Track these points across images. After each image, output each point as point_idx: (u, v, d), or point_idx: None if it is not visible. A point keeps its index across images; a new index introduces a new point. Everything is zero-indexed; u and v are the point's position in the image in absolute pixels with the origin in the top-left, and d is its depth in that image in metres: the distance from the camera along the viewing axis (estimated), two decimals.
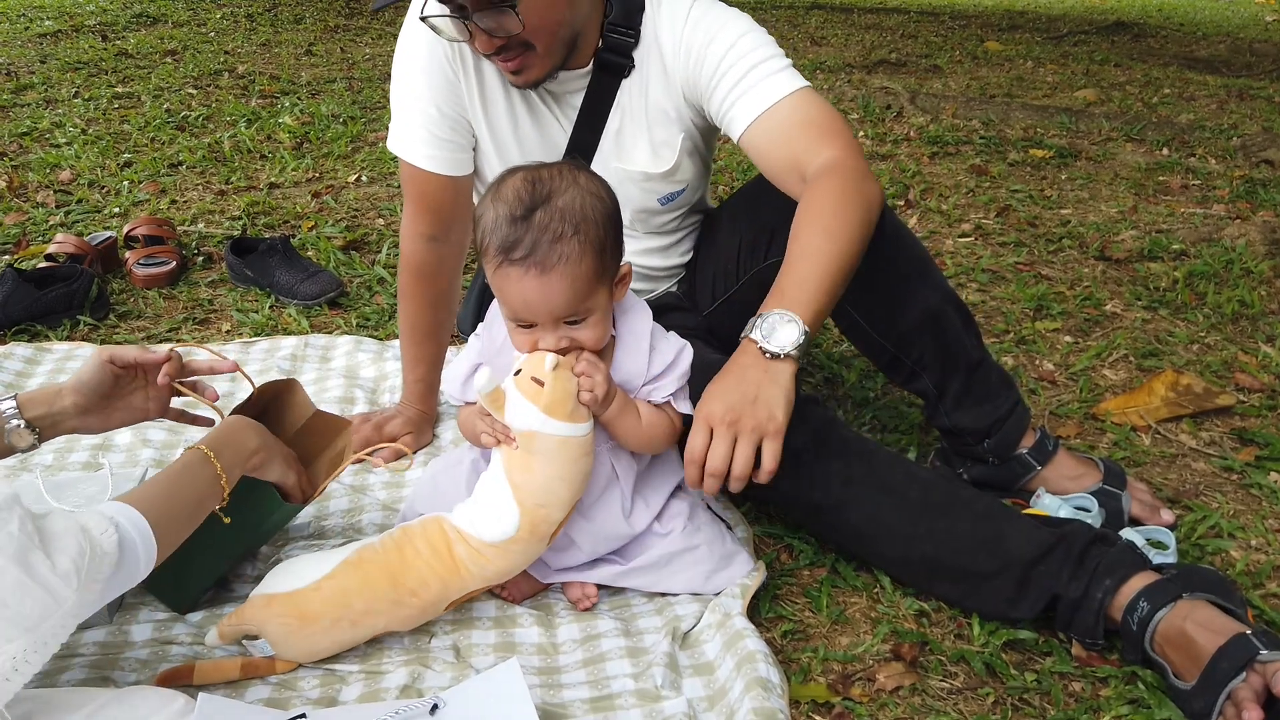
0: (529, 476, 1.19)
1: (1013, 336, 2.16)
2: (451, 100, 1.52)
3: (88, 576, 0.91)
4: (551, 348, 1.19)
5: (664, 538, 1.33)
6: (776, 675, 1.17)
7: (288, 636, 1.18)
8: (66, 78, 4.38)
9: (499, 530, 1.19)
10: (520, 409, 1.18)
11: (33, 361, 1.95)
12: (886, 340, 1.49)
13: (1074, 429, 1.81)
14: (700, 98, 1.48)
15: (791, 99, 1.41)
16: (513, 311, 1.19)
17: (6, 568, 0.85)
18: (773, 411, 1.19)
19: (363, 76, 4.51)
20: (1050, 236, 2.73)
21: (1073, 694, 1.22)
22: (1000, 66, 5.21)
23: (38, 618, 0.87)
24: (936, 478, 1.40)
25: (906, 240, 1.48)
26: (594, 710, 1.14)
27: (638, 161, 1.54)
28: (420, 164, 1.54)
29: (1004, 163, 3.41)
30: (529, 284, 1.15)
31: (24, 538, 0.88)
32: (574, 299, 1.16)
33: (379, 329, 2.16)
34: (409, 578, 1.20)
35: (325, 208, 2.89)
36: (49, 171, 3.13)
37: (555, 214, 1.14)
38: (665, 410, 1.30)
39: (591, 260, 1.16)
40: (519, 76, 1.43)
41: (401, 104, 1.55)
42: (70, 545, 0.91)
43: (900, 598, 1.37)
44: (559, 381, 1.17)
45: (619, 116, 1.52)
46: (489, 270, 1.19)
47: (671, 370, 1.28)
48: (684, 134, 1.54)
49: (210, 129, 3.65)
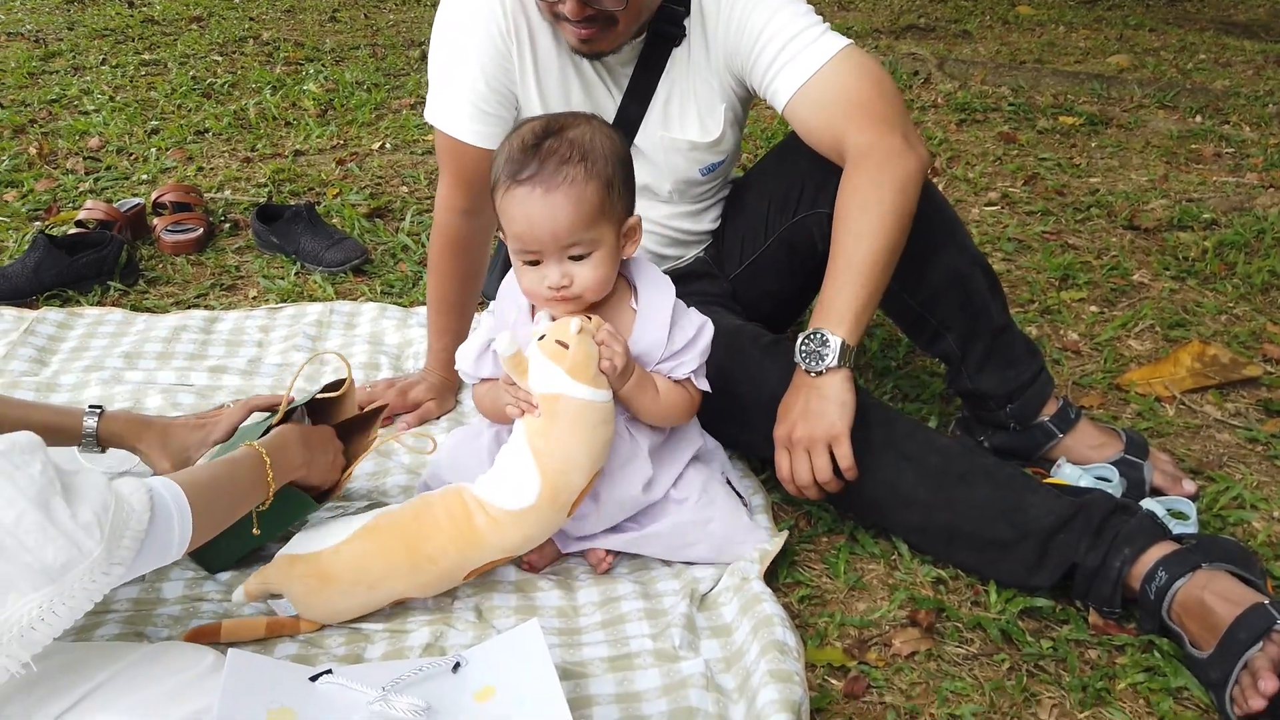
0: (549, 442, 1.20)
1: (1037, 306, 2.15)
2: (500, 74, 1.51)
3: (113, 530, 0.88)
4: (555, 283, 1.22)
5: (680, 504, 1.35)
6: (793, 639, 1.18)
7: (308, 596, 1.21)
8: (94, 44, 4.41)
9: (519, 498, 1.21)
10: (544, 372, 1.19)
11: (65, 326, 1.99)
12: (912, 300, 1.49)
13: (1097, 399, 1.80)
14: (742, 69, 1.49)
15: (830, 66, 1.41)
16: (519, 239, 1.22)
17: (27, 510, 0.82)
18: (830, 420, 1.30)
19: (386, 43, 4.51)
20: (1078, 205, 2.70)
21: (1089, 661, 1.23)
22: (1031, 31, 5.12)
23: (60, 567, 0.84)
24: (956, 446, 1.40)
25: (936, 201, 1.48)
26: (613, 669, 1.16)
27: (686, 131, 1.55)
28: (462, 137, 1.54)
29: (1033, 130, 3.36)
30: (534, 203, 1.18)
31: (45, 481, 0.85)
32: (577, 222, 1.19)
33: (403, 296, 2.18)
34: (426, 545, 1.22)
35: (349, 175, 2.90)
36: (78, 138, 3.16)
37: (564, 142, 1.21)
38: (685, 385, 1.32)
39: (597, 189, 1.20)
40: (588, 45, 1.43)
41: (444, 76, 1.54)
42: (94, 497, 0.88)
43: (918, 565, 1.38)
44: (582, 345, 1.18)
45: (667, 86, 1.53)
46: (498, 199, 1.23)
47: (692, 346, 1.30)
48: (726, 104, 1.54)
49: (236, 96, 3.67)
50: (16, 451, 0.84)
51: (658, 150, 1.55)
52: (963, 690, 1.19)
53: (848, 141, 1.39)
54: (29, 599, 0.82)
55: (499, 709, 1.02)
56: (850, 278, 1.33)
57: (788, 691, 1.08)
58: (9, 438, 0.85)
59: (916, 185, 1.37)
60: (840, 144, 1.41)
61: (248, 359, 1.90)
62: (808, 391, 1.33)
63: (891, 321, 1.71)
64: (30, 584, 0.82)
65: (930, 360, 1.91)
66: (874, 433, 1.35)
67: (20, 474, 0.83)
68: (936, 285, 1.47)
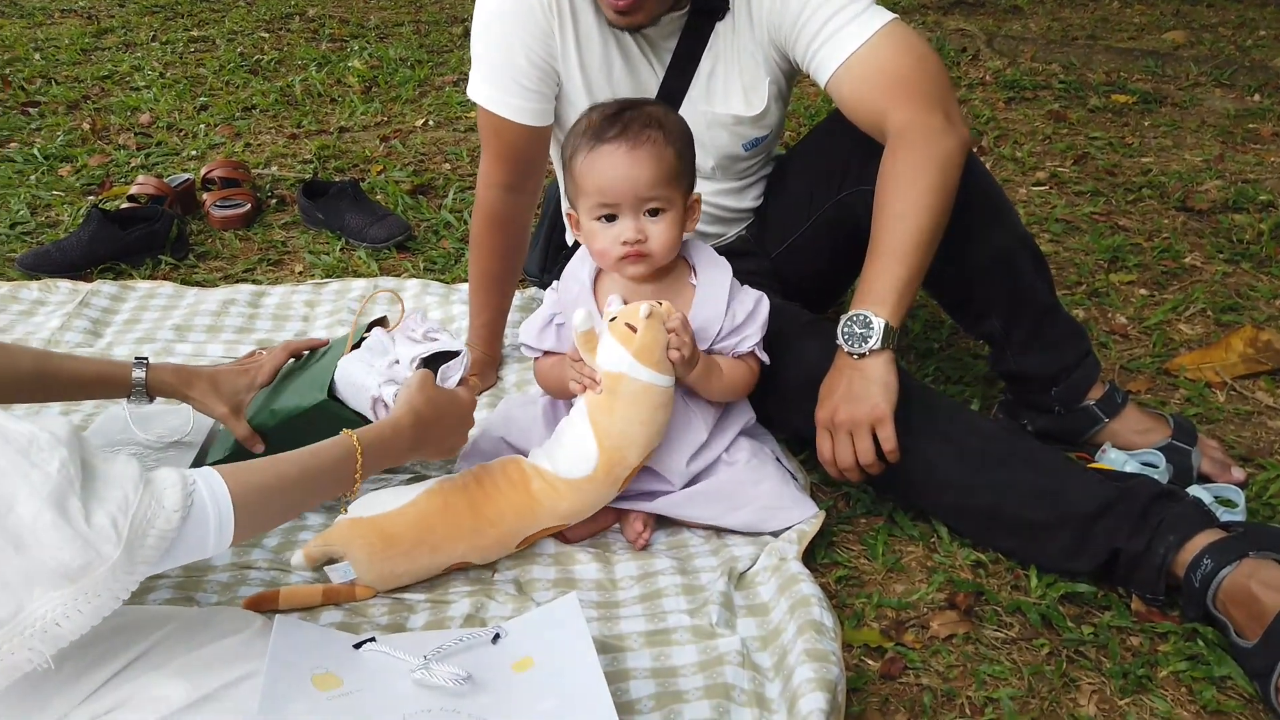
0: (610, 418, 1.25)
1: (1085, 288, 2.11)
2: (542, 50, 1.51)
3: (134, 531, 0.85)
4: (630, 238, 1.29)
5: (730, 466, 1.37)
6: (830, 619, 1.18)
7: (371, 558, 1.23)
8: (144, 21, 4.47)
9: (578, 468, 1.27)
10: (611, 351, 1.25)
11: (118, 299, 2.03)
12: (956, 278, 1.48)
13: (1145, 384, 1.77)
14: (785, 42, 1.48)
15: (875, 42, 1.40)
16: (601, 193, 1.29)
17: (41, 511, 0.81)
18: (873, 402, 1.30)
19: (429, 20, 4.52)
20: (1129, 185, 2.64)
21: (1130, 648, 1.22)
22: (1084, 7, 5.00)
23: (79, 569, 0.82)
24: (998, 429, 1.39)
25: (982, 179, 1.46)
26: (650, 644, 1.17)
27: (730, 105, 1.55)
28: (505, 114, 1.55)
29: (1084, 108, 3.29)
30: (619, 158, 1.27)
31: (62, 480, 0.83)
32: (657, 177, 1.28)
33: (445, 272, 2.20)
34: (488, 508, 1.27)
35: (393, 152, 2.92)
36: (129, 114, 3.21)
37: (642, 114, 1.30)
38: (746, 360, 1.38)
39: (674, 153, 1.29)
40: (625, 17, 1.43)
41: (486, 52, 1.55)
42: (113, 495, 0.86)
43: (957, 548, 1.37)
44: (650, 330, 1.24)
45: (711, 60, 1.53)
46: (578, 163, 1.29)
47: (753, 319, 1.37)
48: (770, 78, 1.54)
49: (282, 72, 3.71)
50: (35, 449, 0.83)
51: (701, 125, 1.55)
52: (1001, 674, 1.18)
53: (888, 119, 1.38)
54: (50, 597, 0.82)
55: (537, 680, 1.04)
56: (892, 258, 1.32)
57: (824, 670, 1.08)
58: (32, 433, 0.84)
59: (957, 164, 1.35)
60: (881, 121, 1.39)
61: (293, 333, 1.93)
62: (850, 373, 1.32)
63: (935, 302, 1.70)
64: (50, 582, 0.82)
65: (973, 342, 1.89)
66: (914, 414, 1.34)
67: (36, 472, 0.82)
68: (981, 264, 1.45)
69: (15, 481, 0.81)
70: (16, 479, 0.81)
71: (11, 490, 0.81)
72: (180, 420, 1.47)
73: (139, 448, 1.40)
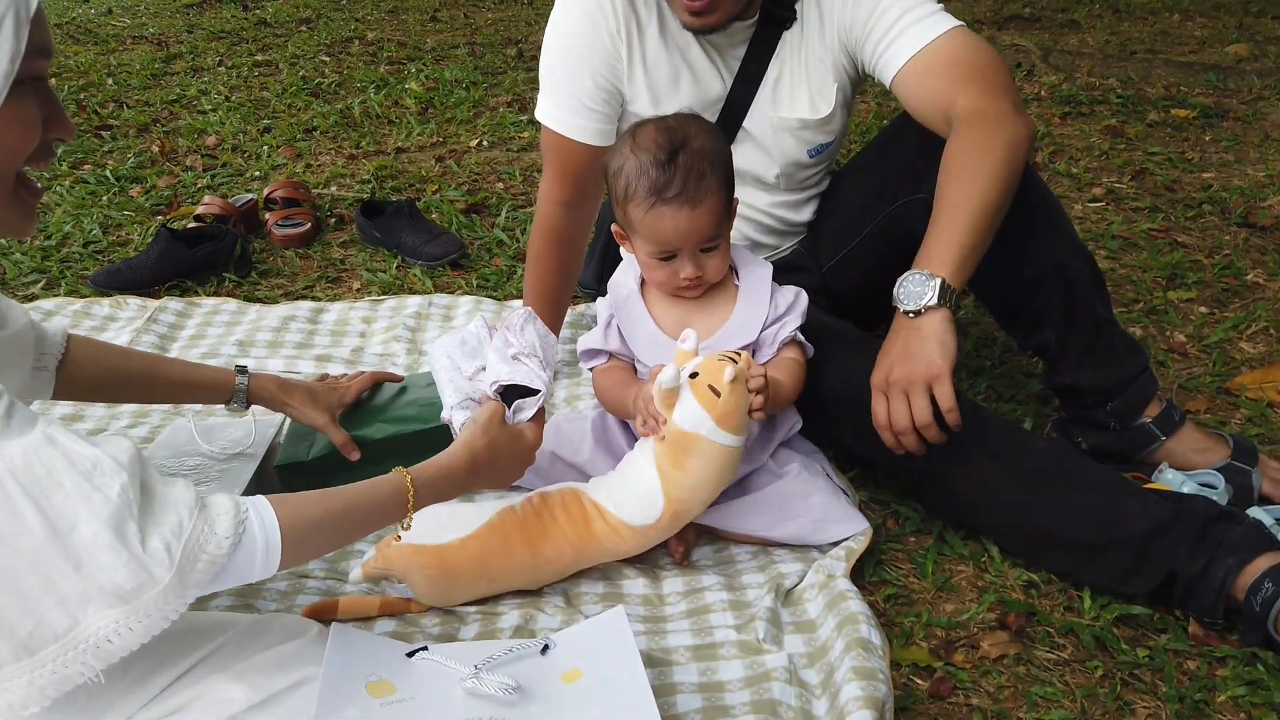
0: (683, 475, 1.26)
1: (1142, 306, 2.08)
2: (607, 71, 1.56)
3: (186, 556, 0.88)
4: (689, 275, 1.35)
5: (780, 478, 1.38)
6: (878, 637, 1.18)
7: (429, 585, 1.26)
8: (212, 47, 4.62)
9: (644, 515, 1.28)
10: (692, 413, 1.24)
11: (184, 315, 2.10)
12: (1011, 287, 1.47)
13: (1204, 403, 1.73)
14: (855, 43, 1.52)
15: (943, 39, 1.44)
16: (663, 244, 1.34)
17: (100, 531, 0.85)
18: (930, 359, 1.26)
19: (484, 42, 4.60)
20: (1189, 201, 2.59)
21: (1187, 672, 1.20)
22: (1143, 20, 4.92)
23: (132, 590, 0.86)
24: (1051, 448, 1.37)
25: (1039, 190, 1.46)
26: (697, 658, 1.18)
27: (796, 109, 1.58)
28: (568, 133, 1.60)
29: (1142, 123, 3.24)
30: (682, 217, 1.30)
31: (122, 504, 0.86)
32: (714, 226, 1.33)
33: (498, 290, 2.23)
34: (547, 547, 1.28)
35: (448, 171, 2.98)
36: (197, 137, 3.32)
37: (694, 155, 1.31)
38: (793, 355, 1.40)
39: (725, 192, 1.34)
40: (699, 18, 1.46)
41: (553, 74, 1.60)
42: (169, 520, 0.89)
43: (1009, 568, 1.36)
44: (734, 396, 1.23)
45: (778, 67, 1.56)
46: (638, 213, 1.32)
47: (794, 309, 1.41)
48: (837, 84, 1.57)
49: (342, 95, 3.80)
50: (99, 473, 0.87)
51: (766, 132, 1.58)
52: (1053, 696, 1.17)
53: (957, 105, 1.40)
54: (105, 615, 0.86)
55: (585, 691, 1.05)
56: (953, 223, 1.31)
57: (871, 689, 1.08)
58: (97, 457, 0.88)
59: (1024, 149, 1.37)
60: (949, 108, 1.41)
61: (351, 348, 1.98)
62: (906, 333, 1.29)
63: (987, 319, 1.68)
64: (105, 601, 0.86)
65: (1026, 360, 1.87)
66: (966, 432, 1.33)
67: (98, 495, 0.85)
68: (1038, 273, 1.44)
69: (78, 504, 0.85)
70: (79, 501, 0.85)
71: (74, 511, 0.85)
72: (242, 433, 1.52)
73: (202, 458, 1.45)
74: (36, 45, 0.90)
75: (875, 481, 1.55)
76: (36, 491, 0.84)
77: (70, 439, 0.88)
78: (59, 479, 0.85)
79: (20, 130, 0.92)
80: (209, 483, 1.39)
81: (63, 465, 0.85)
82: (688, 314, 1.42)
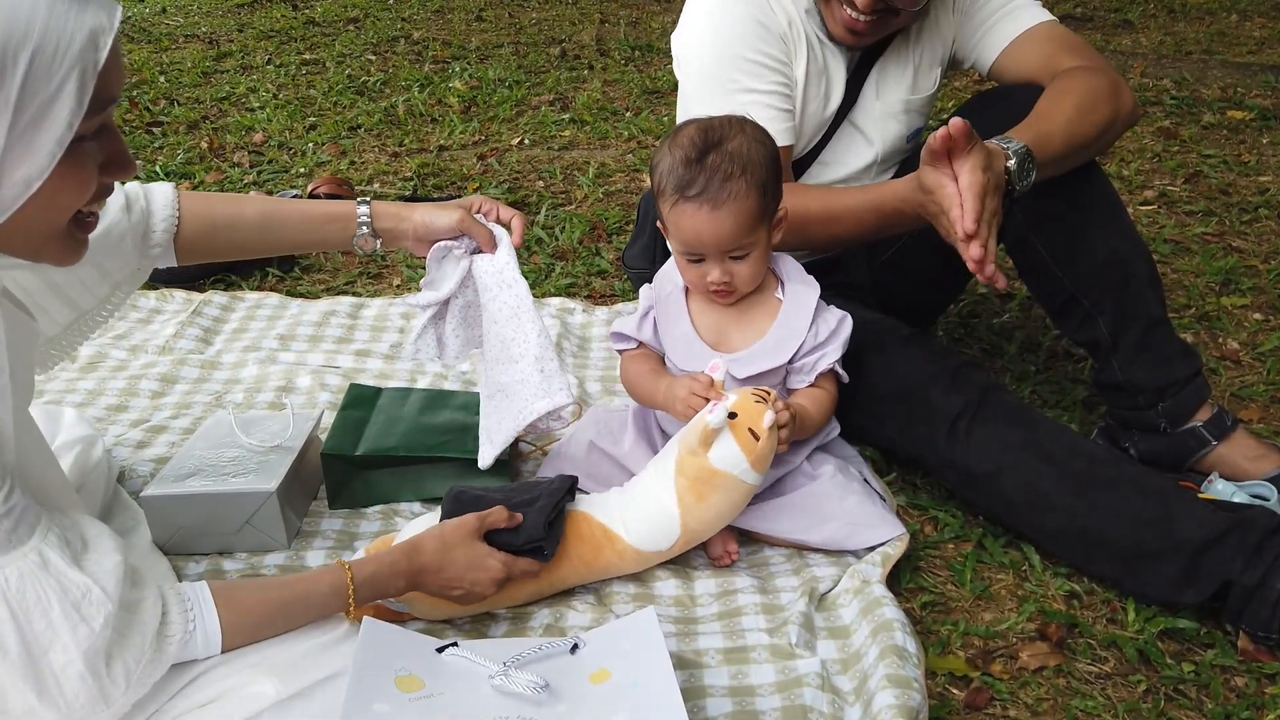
0: (703, 506, 1.26)
1: (1194, 312, 2.02)
2: (789, 72, 1.55)
3: (138, 680, 0.94)
4: (716, 280, 1.32)
5: (815, 480, 1.37)
6: (913, 645, 1.16)
7: (434, 610, 1.23)
8: (260, 45, 4.69)
9: (657, 542, 1.28)
10: (730, 454, 1.25)
11: (228, 309, 2.13)
12: (1066, 278, 1.44)
13: (1257, 412, 1.68)
14: (959, 26, 1.58)
15: (1043, 25, 1.52)
16: (685, 244, 1.33)
17: (74, 661, 0.90)
18: None
19: (528, 41, 4.62)
20: (1245, 205, 2.52)
21: (1234, 689, 1.16)
22: (1200, 21, 4.80)
23: (82, 707, 0.91)
24: (1102, 451, 1.35)
25: (1101, 182, 1.45)
26: (728, 661, 1.16)
27: (900, 91, 1.61)
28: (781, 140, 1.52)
29: (1197, 125, 3.16)
30: (701, 218, 1.28)
31: (102, 636, 0.91)
32: (739, 233, 1.29)
33: (535, 287, 2.23)
34: (553, 573, 1.27)
35: (489, 170, 2.99)
36: (244, 134, 3.37)
37: (725, 156, 1.28)
38: (824, 386, 1.38)
39: (755, 198, 1.28)
40: (859, 38, 1.50)
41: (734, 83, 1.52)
42: (134, 644, 0.94)
43: (1050, 577, 1.33)
44: (770, 440, 1.25)
45: (885, 57, 1.59)
46: (665, 208, 1.31)
47: (835, 337, 1.37)
48: (940, 69, 1.63)
49: (386, 93, 3.84)
50: (87, 603, 0.91)
51: (872, 118, 1.60)
52: (1093, 709, 1.14)
53: (1064, 64, 1.45)
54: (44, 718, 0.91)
55: (613, 692, 1.04)
56: (1037, 126, 1.33)
57: (905, 697, 1.06)
58: (87, 586, 0.92)
59: (1127, 115, 1.42)
60: (1058, 68, 1.45)
61: (390, 344, 1.99)
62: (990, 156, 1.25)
63: (1033, 320, 1.65)
64: (53, 712, 0.91)
65: (1072, 365, 1.83)
66: (1015, 432, 1.31)
67: (83, 627, 0.90)
68: (1095, 264, 1.42)
69: (64, 632, 0.90)
70: (65, 629, 0.90)
71: (53, 638, 0.90)
72: (280, 425, 1.53)
73: (241, 450, 1.46)
74: (103, 98, 0.85)
75: (914, 486, 1.52)
76: (23, 617, 0.89)
77: (64, 564, 0.92)
78: (47, 606, 0.90)
79: (72, 191, 0.88)
80: (247, 474, 1.40)
81: (55, 594, 0.90)
82: (724, 322, 1.41)
